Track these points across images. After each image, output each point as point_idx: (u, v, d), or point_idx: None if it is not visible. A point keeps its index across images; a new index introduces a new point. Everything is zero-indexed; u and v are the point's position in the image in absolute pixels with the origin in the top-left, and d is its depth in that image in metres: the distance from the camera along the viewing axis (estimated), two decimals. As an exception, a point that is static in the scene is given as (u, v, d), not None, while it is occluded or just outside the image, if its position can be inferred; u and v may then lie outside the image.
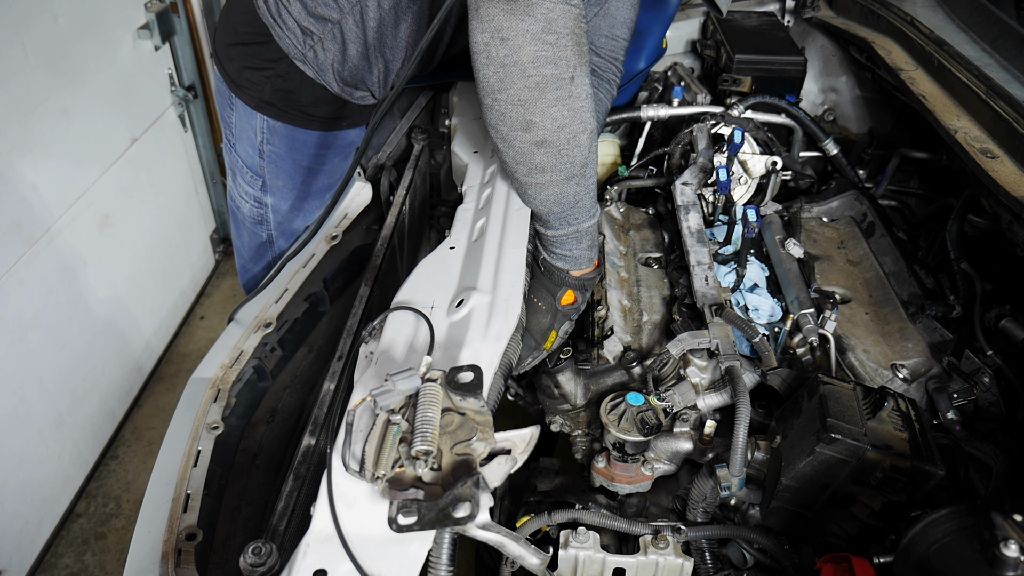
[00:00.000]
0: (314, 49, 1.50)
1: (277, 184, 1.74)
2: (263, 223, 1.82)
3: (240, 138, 1.70)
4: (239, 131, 1.69)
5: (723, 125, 1.84)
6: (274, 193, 1.75)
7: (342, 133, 1.71)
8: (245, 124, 1.66)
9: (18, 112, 2.11)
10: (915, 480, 1.01)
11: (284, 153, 1.68)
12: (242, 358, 1.42)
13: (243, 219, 1.84)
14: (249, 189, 1.76)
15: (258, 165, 1.70)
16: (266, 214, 1.79)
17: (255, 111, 1.62)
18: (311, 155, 1.70)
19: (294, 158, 1.69)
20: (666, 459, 1.28)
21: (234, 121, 1.70)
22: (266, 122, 1.63)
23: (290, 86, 1.56)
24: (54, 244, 2.30)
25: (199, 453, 1.22)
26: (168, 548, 1.07)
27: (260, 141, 1.66)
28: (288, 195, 1.76)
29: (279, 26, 1.49)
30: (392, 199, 1.86)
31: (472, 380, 0.98)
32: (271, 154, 1.68)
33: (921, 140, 1.88)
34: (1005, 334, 1.34)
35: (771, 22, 2.17)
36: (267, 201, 1.76)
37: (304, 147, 1.68)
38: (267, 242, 1.86)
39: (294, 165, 1.70)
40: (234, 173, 1.78)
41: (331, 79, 1.55)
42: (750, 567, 1.21)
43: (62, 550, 2.37)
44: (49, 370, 2.31)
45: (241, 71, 1.59)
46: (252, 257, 1.94)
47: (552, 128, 1.19)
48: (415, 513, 0.86)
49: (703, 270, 1.46)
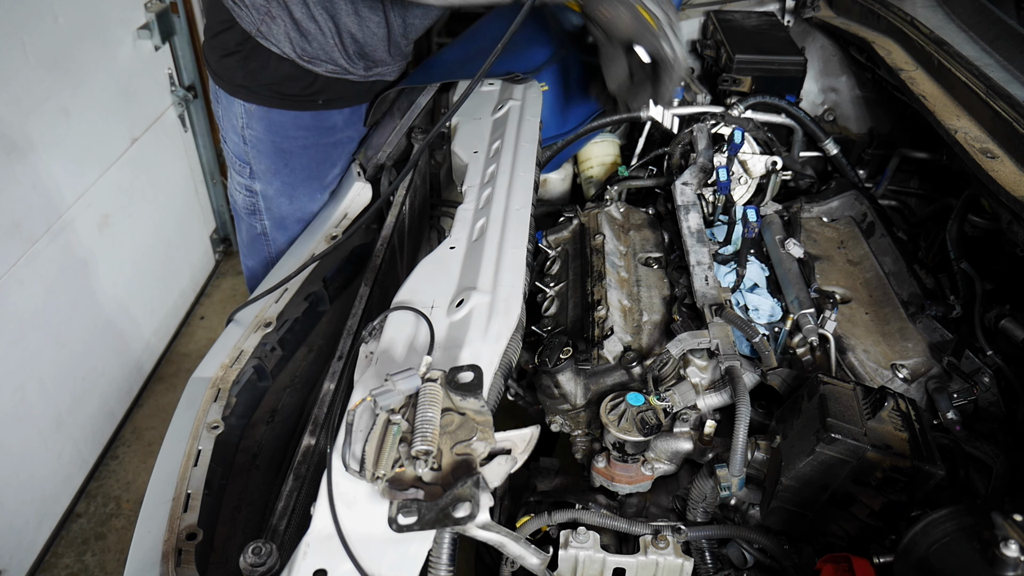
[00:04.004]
0: (267, 22, 1.55)
1: (261, 168, 1.77)
2: (256, 212, 1.85)
3: (227, 129, 1.75)
4: (225, 122, 1.74)
5: (723, 125, 1.84)
6: (260, 179, 1.78)
7: (322, 114, 1.72)
8: (229, 113, 1.71)
9: (18, 112, 2.11)
10: (915, 480, 1.01)
11: (263, 136, 1.71)
12: (242, 358, 1.42)
13: (239, 212, 1.88)
14: (239, 179, 1.80)
15: (243, 152, 1.74)
16: (257, 202, 1.82)
17: (233, 97, 1.67)
18: (290, 137, 1.72)
19: (273, 140, 1.72)
20: (666, 459, 1.28)
21: (221, 114, 1.75)
22: (243, 107, 1.67)
23: (259, 66, 1.61)
24: (54, 244, 2.30)
25: (199, 452, 1.22)
26: (168, 547, 1.07)
27: (241, 127, 1.70)
28: (273, 179, 1.78)
29: (238, 6, 1.56)
30: (392, 199, 1.86)
31: (472, 380, 0.98)
32: (252, 139, 1.72)
33: (921, 140, 1.88)
34: (1005, 334, 1.34)
35: (771, 22, 2.17)
36: (256, 188, 1.80)
37: (281, 128, 1.70)
38: (262, 234, 1.89)
39: (274, 148, 1.73)
40: (229, 169, 1.83)
41: (290, 50, 1.59)
42: (750, 567, 1.21)
43: (62, 550, 2.37)
44: (49, 370, 2.31)
45: (219, 61, 1.66)
46: (250, 252, 1.96)
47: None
48: (415, 513, 0.86)
49: (703, 270, 1.46)
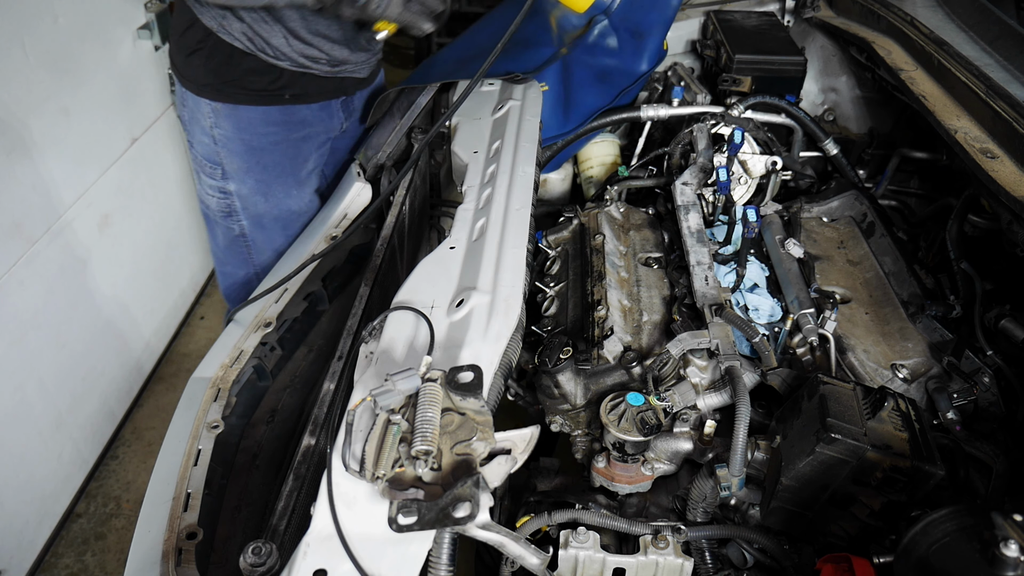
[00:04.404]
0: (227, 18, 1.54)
1: (234, 167, 1.74)
2: (232, 214, 1.82)
3: (194, 131, 1.73)
4: (193, 124, 1.72)
5: (723, 125, 1.84)
6: (234, 178, 1.76)
7: (290, 108, 1.70)
8: (196, 113, 1.69)
9: (18, 112, 2.11)
10: (915, 480, 1.01)
11: (233, 134, 1.69)
12: (242, 358, 1.42)
13: (214, 217, 1.85)
14: (212, 181, 1.78)
15: (214, 152, 1.72)
16: (233, 203, 1.80)
17: (200, 97, 1.65)
18: (259, 133, 1.70)
19: (243, 138, 1.69)
20: (666, 459, 1.28)
21: (187, 117, 1.72)
22: (210, 106, 1.66)
23: (222, 61, 1.59)
24: (54, 244, 2.30)
25: (199, 452, 1.22)
26: (169, 547, 1.07)
27: (210, 126, 1.68)
28: (246, 178, 1.76)
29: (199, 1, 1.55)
30: (392, 199, 1.85)
31: (472, 380, 0.98)
32: (222, 138, 1.70)
33: (921, 140, 1.88)
34: (1005, 334, 1.34)
35: (771, 22, 2.17)
36: (230, 188, 1.78)
37: (251, 125, 1.68)
38: (240, 236, 1.86)
39: (245, 146, 1.71)
40: (198, 173, 1.80)
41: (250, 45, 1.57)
42: (750, 567, 1.21)
43: (62, 550, 2.36)
44: (49, 370, 2.31)
45: (185, 60, 1.64)
46: (228, 257, 1.93)
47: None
48: (415, 513, 0.86)
49: (703, 270, 1.46)
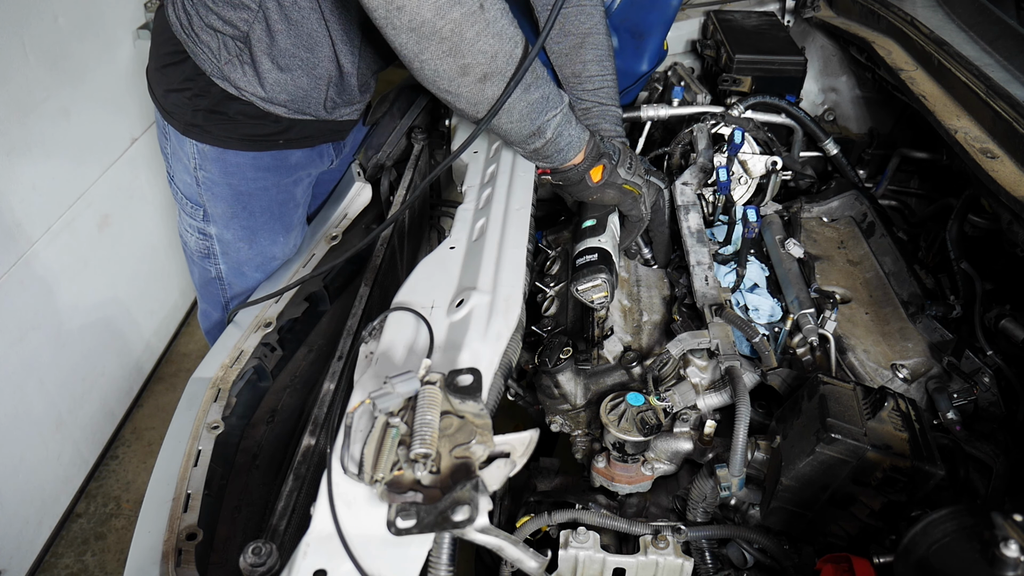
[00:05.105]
0: (232, 65, 1.40)
1: (217, 212, 1.60)
2: (210, 256, 1.68)
3: (176, 168, 1.59)
4: (175, 160, 1.58)
5: (723, 125, 1.84)
6: (216, 222, 1.62)
7: (280, 153, 1.56)
8: (179, 151, 1.54)
9: (18, 112, 2.11)
10: (915, 480, 1.01)
11: (219, 179, 1.55)
12: (242, 358, 1.42)
13: (191, 254, 1.72)
14: (192, 221, 1.63)
15: (196, 194, 1.58)
16: (212, 246, 1.66)
17: (184, 136, 1.50)
18: (247, 179, 1.56)
19: (230, 183, 1.56)
20: (666, 459, 1.28)
21: (169, 151, 1.58)
22: (195, 146, 1.50)
23: (212, 104, 1.45)
24: (54, 244, 2.30)
25: (199, 452, 1.23)
26: (169, 548, 1.07)
27: (194, 167, 1.53)
28: (230, 223, 1.62)
29: (196, 44, 1.41)
30: (392, 199, 1.86)
31: (471, 383, 0.98)
32: (206, 181, 1.55)
33: (921, 140, 1.88)
34: (1005, 334, 1.34)
35: (771, 22, 2.17)
36: (211, 232, 1.64)
37: (238, 170, 1.54)
38: (216, 279, 1.72)
39: (231, 191, 1.57)
40: (179, 208, 1.65)
41: (251, 96, 1.44)
42: (750, 567, 1.21)
43: (62, 550, 2.37)
44: (49, 370, 2.31)
45: (166, 95, 1.49)
46: (204, 295, 1.80)
47: (486, 61, 1.16)
48: (414, 516, 0.86)
49: (703, 270, 1.46)
